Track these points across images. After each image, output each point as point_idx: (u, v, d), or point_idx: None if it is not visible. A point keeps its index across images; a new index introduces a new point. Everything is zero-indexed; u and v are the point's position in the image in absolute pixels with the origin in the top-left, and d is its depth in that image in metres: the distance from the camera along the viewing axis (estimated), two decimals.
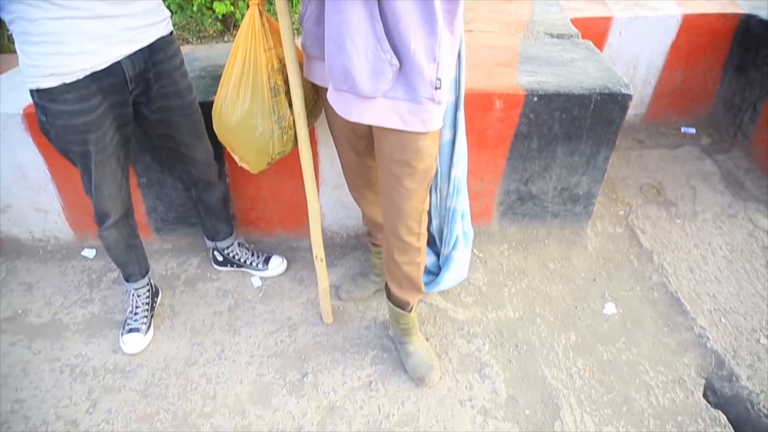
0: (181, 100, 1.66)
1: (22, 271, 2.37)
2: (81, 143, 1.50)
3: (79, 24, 1.35)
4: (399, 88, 1.25)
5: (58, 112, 1.43)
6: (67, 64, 1.37)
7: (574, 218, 2.38)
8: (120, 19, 1.42)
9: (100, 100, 1.46)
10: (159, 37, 1.55)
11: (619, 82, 2.03)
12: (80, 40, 1.37)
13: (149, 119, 1.66)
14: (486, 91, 1.96)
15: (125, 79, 1.49)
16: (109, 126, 1.52)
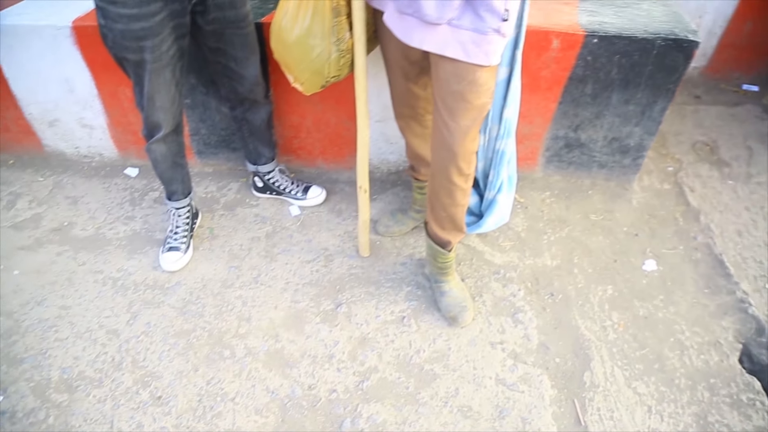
0: (236, 11, 1.63)
1: (68, 185, 2.43)
2: (137, 50, 1.48)
3: None
4: (465, 16, 1.19)
5: (117, 15, 1.41)
6: None
7: (621, 170, 2.30)
8: None
9: (161, 6, 1.44)
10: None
11: (687, 28, 1.90)
12: None
13: (203, 30, 1.64)
14: (543, 28, 1.86)
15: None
16: (167, 35, 1.50)
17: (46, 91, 2.27)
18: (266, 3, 2.09)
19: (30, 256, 2.09)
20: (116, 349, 1.75)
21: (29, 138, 2.49)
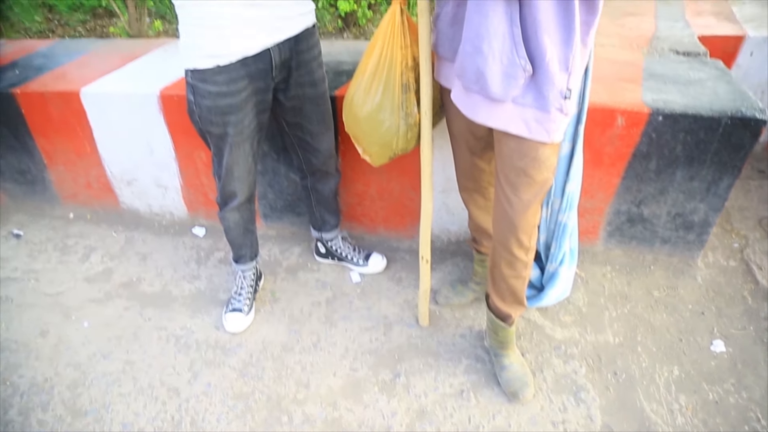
0: (315, 89, 1.73)
1: (139, 241, 2.55)
2: (221, 124, 1.58)
3: (239, 10, 1.44)
4: (529, 94, 1.24)
5: (206, 92, 1.52)
6: (224, 47, 1.46)
7: (685, 246, 2.25)
8: (276, 8, 1.50)
9: (246, 84, 1.54)
10: (305, 27, 1.62)
11: (754, 106, 1.90)
12: (238, 26, 1.46)
13: (284, 106, 1.74)
14: (608, 106, 1.89)
15: (271, 65, 1.57)
16: (249, 110, 1.60)
17: (129, 153, 2.44)
18: (339, 76, 2.21)
19: (100, 309, 2.19)
20: (176, 407, 1.79)
21: (107, 195, 2.65)
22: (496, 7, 1.15)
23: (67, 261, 2.46)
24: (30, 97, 2.42)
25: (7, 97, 2.44)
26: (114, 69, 2.48)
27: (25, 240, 2.63)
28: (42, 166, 2.65)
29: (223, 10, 1.42)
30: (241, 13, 1.44)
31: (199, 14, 1.43)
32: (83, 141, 2.47)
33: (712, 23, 2.84)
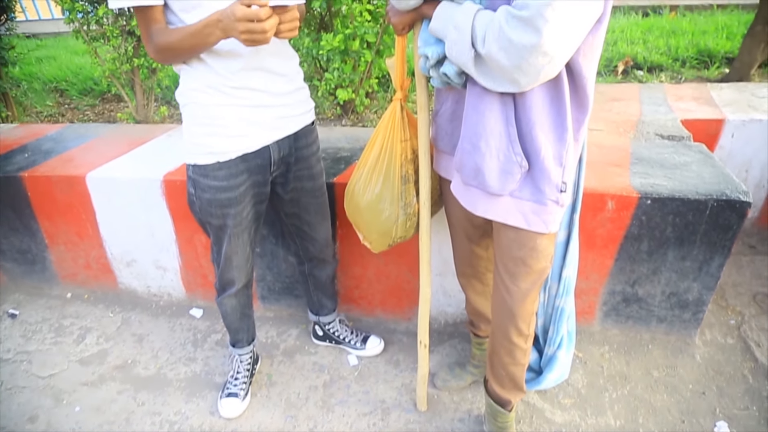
0: (314, 182, 1.79)
1: (136, 322, 2.54)
2: (221, 216, 1.63)
3: (241, 111, 1.51)
4: (526, 188, 1.30)
5: (207, 186, 1.58)
6: (225, 145, 1.53)
7: (681, 325, 2.26)
8: (277, 108, 1.58)
9: (245, 178, 1.60)
10: (305, 125, 1.70)
11: (737, 189, 1.97)
12: (240, 125, 1.53)
13: (282, 198, 1.79)
14: (598, 191, 1.96)
15: (270, 161, 1.63)
16: (247, 202, 1.65)
17: (130, 234, 2.48)
18: (337, 163, 2.29)
19: (92, 393, 2.15)
20: None
21: (106, 275, 2.67)
22: (493, 108, 1.23)
23: (61, 342, 2.45)
24: (37, 181, 2.49)
25: (15, 180, 2.51)
26: (120, 154, 2.57)
27: (21, 320, 2.62)
28: (43, 246, 2.68)
29: (225, 112, 1.49)
30: (243, 115, 1.51)
31: (202, 115, 1.50)
32: (86, 223, 2.52)
33: (693, 107, 2.98)
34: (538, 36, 1.03)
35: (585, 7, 1.05)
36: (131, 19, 2.75)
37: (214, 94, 1.48)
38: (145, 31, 1.39)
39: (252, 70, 1.48)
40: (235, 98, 1.49)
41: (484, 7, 1.16)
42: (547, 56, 1.06)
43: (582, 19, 1.06)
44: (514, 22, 1.05)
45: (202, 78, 1.46)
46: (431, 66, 1.30)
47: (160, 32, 1.37)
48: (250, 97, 1.51)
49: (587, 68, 1.19)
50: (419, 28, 1.34)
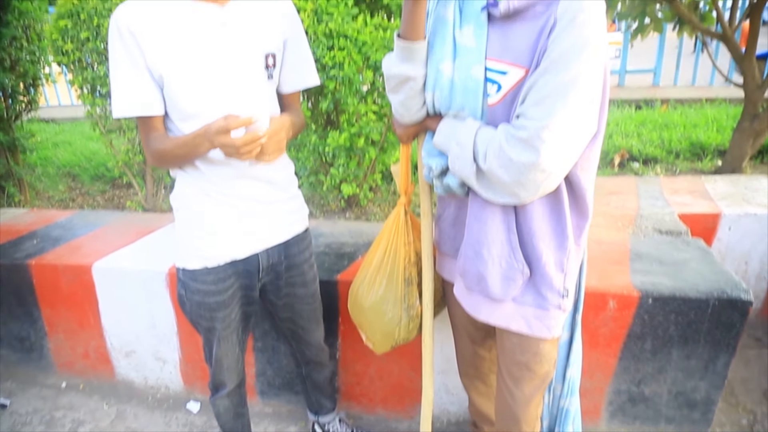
0: (306, 289, 1.78)
1: (130, 416, 2.48)
2: (209, 319, 1.62)
3: (232, 218, 1.53)
4: (528, 294, 1.31)
5: (196, 289, 1.58)
6: (214, 251, 1.54)
7: (691, 425, 2.19)
8: (268, 216, 1.59)
9: (233, 281, 1.60)
10: (297, 233, 1.70)
11: (738, 287, 1.98)
12: (230, 233, 1.54)
13: (275, 303, 1.78)
14: (599, 290, 1.98)
15: (259, 268, 1.64)
16: (235, 305, 1.64)
17: (131, 325, 2.47)
18: (341, 259, 2.32)
19: None
20: None
21: (104, 365, 2.63)
22: (494, 216, 1.27)
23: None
24: (43, 269, 2.52)
25: (21, 267, 2.54)
26: (127, 243, 2.61)
27: (11, 411, 2.55)
28: (42, 333, 2.67)
29: (216, 219, 1.52)
30: (234, 223, 1.53)
31: (194, 220, 1.53)
32: (88, 312, 2.52)
33: (689, 201, 3.05)
34: (537, 155, 1.08)
35: (580, 126, 1.12)
36: None
37: (207, 201, 1.50)
38: (144, 138, 1.45)
39: (245, 178, 1.50)
40: (227, 206, 1.51)
41: (486, 123, 1.23)
42: (545, 173, 1.11)
43: (578, 138, 1.13)
44: (513, 141, 1.11)
45: (196, 184, 1.50)
46: (435, 176, 1.36)
47: (158, 139, 1.42)
48: (242, 205, 1.52)
49: (586, 180, 1.25)
50: (423, 139, 1.41)
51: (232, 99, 1.41)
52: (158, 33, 1.33)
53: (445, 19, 1.27)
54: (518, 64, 1.15)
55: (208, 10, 1.37)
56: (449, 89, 1.26)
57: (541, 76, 1.09)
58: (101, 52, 2.72)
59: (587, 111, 1.11)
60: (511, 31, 1.17)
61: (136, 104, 1.37)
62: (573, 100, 1.07)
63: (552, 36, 1.09)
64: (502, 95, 1.19)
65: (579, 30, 1.07)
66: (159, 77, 1.36)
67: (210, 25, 1.37)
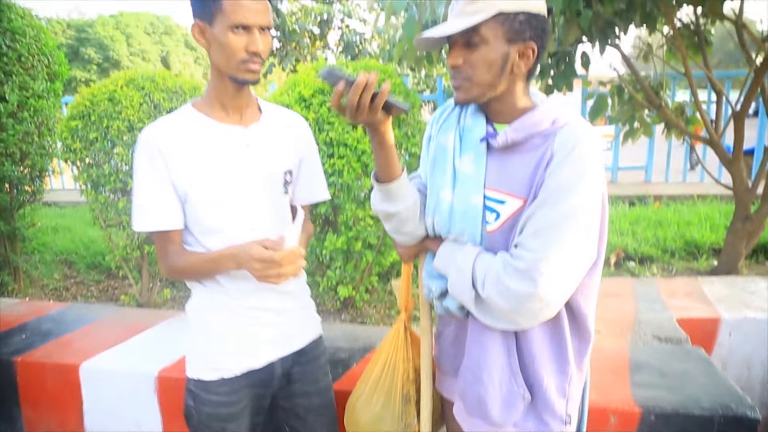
0: (320, 398, 1.70)
1: None
2: (219, 430, 1.56)
3: (247, 329, 1.52)
4: (529, 419, 1.28)
5: (207, 400, 1.53)
6: (230, 363, 1.51)
7: None
8: (284, 326, 1.57)
9: (246, 392, 1.55)
10: (311, 341, 1.67)
11: (743, 403, 1.92)
12: (245, 343, 1.52)
13: (288, 412, 1.70)
14: (600, 405, 1.92)
15: (273, 376, 1.59)
16: (246, 415, 1.58)
17: (115, 428, 2.37)
18: (335, 367, 2.26)
19: None
20: None
21: None
22: (494, 340, 1.26)
23: None
24: (29, 367, 2.45)
25: (6, 364, 2.47)
26: (117, 342, 2.56)
27: None
28: None
29: (234, 332, 1.51)
30: (251, 334, 1.52)
31: (211, 333, 1.52)
32: (71, 413, 2.42)
33: (687, 304, 3.03)
34: (535, 286, 1.09)
35: (578, 256, 1.13)
36: None
37: (225, 314, 1.50)
38: (161, 251, 1.45)
39: (264, 290, 1.50)
40: (245, 318, 1.51)
41: (485, 249, 1.24)
42: (543, 302, 1.12)
43: (576, 268, 1.14)
44: (511, 271, 1.12)
45: (214, 297, 1.50)
46: (435, 297, 1.36)
47: (176, 254, 1.43)
48: (259, 316, 1.52)
49: (586, 305, 1.25)
50: (425, 258, 1.42)
51: (254, 214, 1.46)
52: (184, 151, 1.38)
53: (445, 148, 1.32)
54: (516, 194, 1.18)
55: (233, 131, 1.44)
56: (449, 215, 1.28)
57: (539, 208, 1.12)
58: (108, 151, 2.81)
59: (585, 241, 1.13)
60: (510, 162, 1.21)
61: (158, 219, 1.40)
62: (570, 231, 1.09)
63: (549, 168, 1.13)
64: (500, 223, 1.21)
65: (576, 163, 1.11)
66: (183, 193, 1.40)
67: (234, 146, 1.43)
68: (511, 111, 1.23)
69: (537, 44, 1.17)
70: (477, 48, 1.16)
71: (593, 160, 1.12)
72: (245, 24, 1.29)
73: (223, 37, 1.30)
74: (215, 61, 1.36)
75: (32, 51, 3.41)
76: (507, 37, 1.15)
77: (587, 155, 1.12)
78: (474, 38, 1.15)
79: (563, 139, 1.13)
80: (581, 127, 1.16)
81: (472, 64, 1.17)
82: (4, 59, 3.22)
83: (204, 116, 1.43)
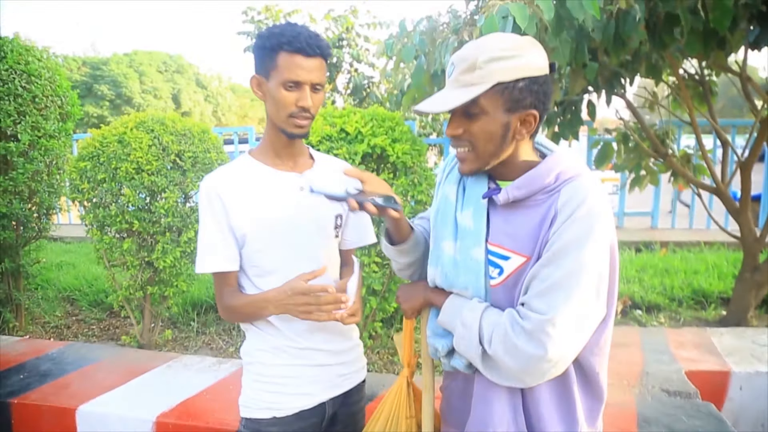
0: None
1: None
2: None
3: (303, 370, 1.52)
4: None
5: None
6: (284, 402, 1.51)
7: None
8: (335, 367, 1.58)
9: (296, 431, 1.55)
10: (359, 382, 1.67)
11: None
12: (300, 384, 1.53)
13: None
14: None
15: (324, 417, 1.58)
16: None
17: None
18: None
19: None
20: None
21: None
22: (501, 397, 1.22)
23: None
24: (25, 409, 2.42)
25: (2, 406, 2.44)
26: (116, 385, 2.53)
27: None
28: None
29: (289, 372, 1.51)
30: (305, 374, 1.53)
31: (266, 374, 1.52)
32: None
33: (696, 356, 2.97)
34: (542, 349, 1.07)
35: (586, 316, 1.10)
36: (152, 252, 2.92)
37: (280, 355, 1.51)
38: (218, 291, 1.51)
39: (316, 331, 1.53)
40: (299, 359, 1.52)
41: (490, 303, 1.22)
42: (551, 363, 1.09)
43: (584, 327, 1.11)
44: (519, 330, 1.10)
45: (269, 339, 1.51)
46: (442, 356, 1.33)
47: (230, 295, 1.48)
48: (313, 356, 1.54)
49: (598, 363, 1.21)
50: (428, 314, 1.40)
51: (306, 257, 1.50)
52: (242, 196, 1.45)
53: (448, 199, 1.32)
54: (519, 252, 1.17)
55: (288, 177, 1.50)
56: (451, 267, 1.27)
57: (544, 268, 1.10)
58: (115, 192, 2.83)
59: (593, 300, 1.10)
60: (513, 218, 1.20)
61: (216, 262, 1.46)
62: (577, 292, 1.07)
63: (553, 227, 1.11)
64: (503, 278, 1.19)
65: (580, 222, 1.09)
66: (241, 237, 1.46)
67: (289, 190, 1.49)
68: (513, 169, 1.22)
69: (539, 109, 1.16)
70: (477, 118, 1.15)
71: (598, 217, 1.11)
72: (297, 81, 1.36)
73: (276, 92, 1.37)
74: (270, 112, 1.44)
75: (46, 92, 3.48)
76: (507, 106, 1.13)
77: (591, 213, 1.10)
78: (473, 109, 1.14)
79: (567, 197, 1.12)
80: (585, 182, 1.14)
81: (472, 134, 1.17)
82: (19, 100, 3.29)
83: (260, 163, 1.49)
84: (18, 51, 3.40)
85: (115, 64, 33.02)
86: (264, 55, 1.38)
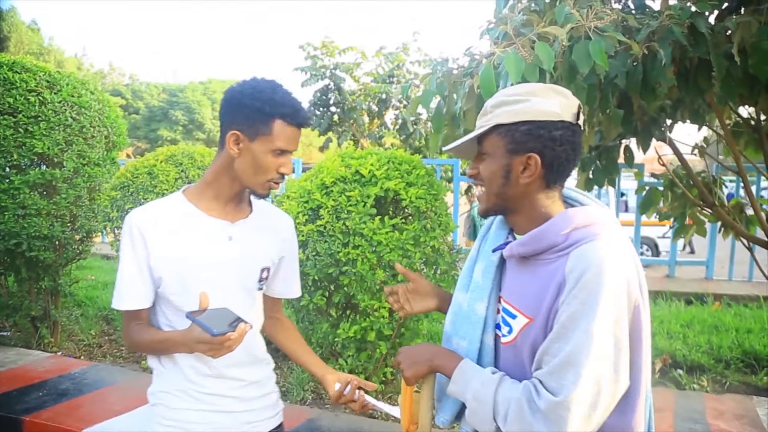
0: None
1: None
2: None
3: (208, 416, 1.49)
4: None
5: None
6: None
7: None
8: (244, 413, 1.54)
9: None
10: (273, 428, 1.63)
11: None
12: (205, 430, 1.48)
13: None
14: None
15: None
16: None
17: None
18: None
19: None
20: None
21: None
22: None
23: None
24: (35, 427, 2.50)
25: (15, 422, 2.53)
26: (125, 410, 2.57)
27: None
28: None
29: (193, 417, 1.48)
30: (209, 419, 1.50)
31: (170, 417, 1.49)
32: None
33: (735, 429, 2.71)
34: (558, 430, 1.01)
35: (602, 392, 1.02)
36: None
37: (185, 398, 1.48)
38: (126, 325, 1.48)
39: (223, 378, 1.50)
40: (204, 404, 1.49)
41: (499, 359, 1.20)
42: None
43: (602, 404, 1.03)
44: (535, 408, 1.04)
45: (173, 381, 1.48)
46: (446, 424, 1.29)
47: (138, 329, 1.45)
48: (219, 403, 1.50)
49: None
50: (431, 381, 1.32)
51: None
52: (165, 238, 1.43)
53: (473, 250, 1.34)
54: (524, 312, 1.13)
55: (218, 224, 1.48)
56: (458, 317, 1.28)
57: (554, 342, 1.05)
58: None
59: (608, 375, 1.02)
60: (522, 275, 1.17)
61: (129, 299, 1.44)
62: (588, 368, 1.01)
63: (562, 297, 1.05)
64: (513, 337, 1.16)
65: (587, 290, 1.02)
66: (158, 278, 1.44)
67: (217, 239, 1.47)
68: (529, 221, 1.17)
69: (544, 153, 1.12)
70: (483, 159, 1.19)
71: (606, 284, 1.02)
72: (285, 149, 1.38)
73: (263, 157, 1.38)
74: (241, 170, 1.42)
75: (94, 123, 3.69)
76: (508, 148, 1.14)
77: (599, 279, 1.02)
78: (481, 150, 1.19)
79: (574, 263, 1.05)
80: (599, 245, 1.06)
81: (481, 174, 1.20)
82: (68, 130, 3.49)
83: (192, 205, 1.47)
84: (73, 85, 3.64)
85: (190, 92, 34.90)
86: (255, 117, 1.37)
